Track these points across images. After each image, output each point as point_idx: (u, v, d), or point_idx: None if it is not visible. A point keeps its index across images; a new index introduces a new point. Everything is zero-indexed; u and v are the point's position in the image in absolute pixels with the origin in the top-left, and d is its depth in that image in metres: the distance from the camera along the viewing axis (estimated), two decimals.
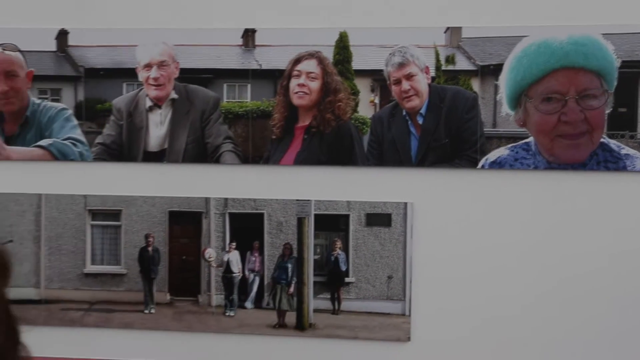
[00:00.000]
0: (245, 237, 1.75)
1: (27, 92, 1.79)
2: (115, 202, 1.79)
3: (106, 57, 1.77)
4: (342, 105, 1.65)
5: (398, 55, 1.60)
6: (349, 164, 1.67)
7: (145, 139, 1.76)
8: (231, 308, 1.74)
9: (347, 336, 1.68)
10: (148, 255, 1.77)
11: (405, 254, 1.66)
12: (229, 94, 1.74)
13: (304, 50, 1.66)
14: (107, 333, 1.74)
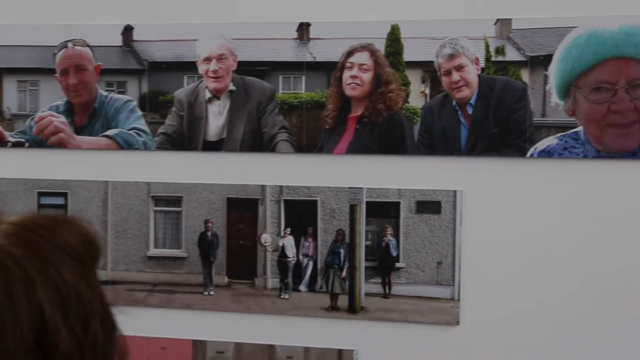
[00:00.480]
0: (299, 223, 1.80)
1: (95, 85, 1.86)
2: (176, 189, 1.85)
3: (168, 51, 1.83)
4: (393, 96, 1.68)
5: (448, 47, 1.63)
6: (400, 153, 1.70)
7: (205, 129, 1.82)
8: (286, 291, 1.79)
9: (398, 319, 1.72)
10: (207, 239, 1.83)
11: (455, 240, 1.68)
12: (284, 86, 1.78)
13: (356, 43, 1.70)
14: (168, 313, 1.81)
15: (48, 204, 1.91)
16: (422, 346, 1.71)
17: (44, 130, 1.86)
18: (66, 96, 1.88)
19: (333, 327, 1.77)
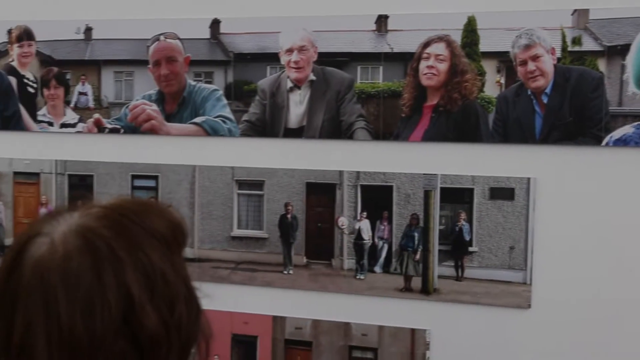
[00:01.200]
0: (375, 207, 1.82)
1: (184, 75, 1.92)
2: (259, 174, 1.90)
3: (253, 43, 1.88)
4: (468, 85, 1.70)
5: (524, 37, 1.63)
6: (474, 141, 1.71)
7: (286, 117, 1.87)
8: (361, 272, 1.83)
9: (470, 301, 1.74)
10: (287, 222, 1.89)
11: (527, 226, 1.69)
12: (362, 76, 1.81)
13: (433, 34, 1.71)
14: (250, 290, 1.88)
15: (140, 186, 2.01)
16: (493, 328, 1.72)
17: (137, 118, 1.95)
18: (158, 86, 1.95)
19: (406, 308, 1.80)
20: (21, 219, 2.14)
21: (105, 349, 0.74)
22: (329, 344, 1.87)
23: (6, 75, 2.09)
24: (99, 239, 0.76)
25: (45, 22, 2.05)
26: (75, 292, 0.74)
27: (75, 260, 0.75)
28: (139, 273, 0.76)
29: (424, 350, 1.78)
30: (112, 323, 0.74)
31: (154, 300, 0.76)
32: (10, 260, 0.78)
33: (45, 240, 0.77)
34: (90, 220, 0.79)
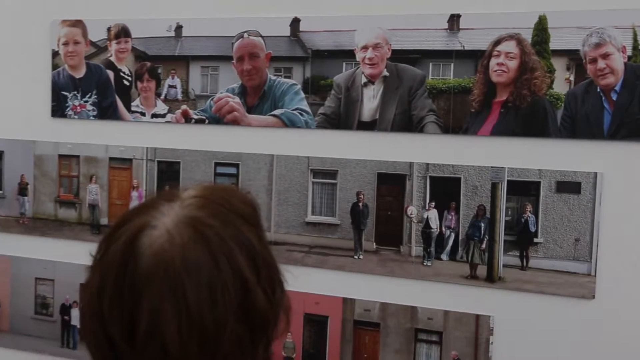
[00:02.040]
0: (443, 197, 1.83)
1: (265, 70, 1.97)
2: (332, 164, 1.93)
3: (330, 40, 1.91)
4: (538, 82, 1.69)
5: (595, 35, 1.62)
6: (542, 136, 1.71)
7: (360, 110, 1.88)
8: (428, 259, 1.84)
9: (534, 290, 1.73)
10: (359, 209, 1.91)
11: (593, 219, 1.68)
12: (434, 72, 1.81)
13: (504, 32, 1.71)
14: (322, 272, 1.92)
15: (223, 173, 2.06)
16: (557, 317, 1.72)
17: (221, 109, 2.00)
18: (241, 80, 2.00)
19: (471, 294, 1.80)
20: (115, 201, 2.24)
21: (228, 329, 0.76)
22: (396, 326, 1.88)
23: (105, 69, 2.19)
24: (208, 229, 0.79)
25: (140, 21, 2.14)
26: (198, 278, 0.76)
27: (192, 250, 0.77)
28: (246, 257, 0.79)
29: (487, 335, 1.79)
30: (232, 306, 0.77)
31: (260, 282, 0.79)
32: (122, 251, 0.78)
33: (158, 232, 0.78)
34: (194, 210, 0.81)
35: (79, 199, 2.30)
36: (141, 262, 0.77)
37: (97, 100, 2.22)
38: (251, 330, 0.79)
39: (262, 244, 0.83)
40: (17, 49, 2.35)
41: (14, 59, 2.36)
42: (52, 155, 2.31)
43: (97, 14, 2.20)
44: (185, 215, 0.80)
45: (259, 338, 0.80)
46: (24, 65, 2.34)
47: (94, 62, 2.22)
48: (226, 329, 0.76)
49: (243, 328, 0.78)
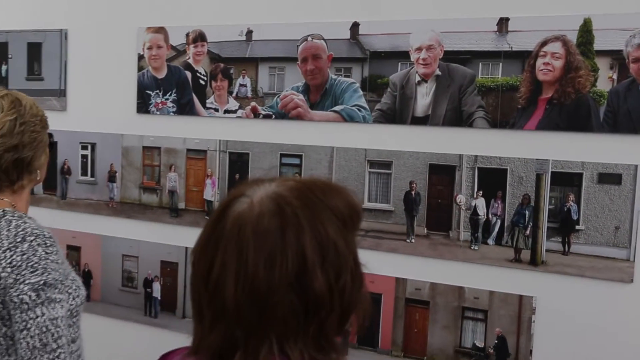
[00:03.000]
0: (490, 187, 1.83)
1: (327, 70, 2.00)
2: (387, 155, 1.94)
3: (386, 42, 1.92)
4: (582, 80, 1.69)
5: (638, 36, 1.61)
6: (586, 131, 1.70)
7: (414, 107, 1.89)
8: (476, 243, 1.85)
9: (574, 274, 1.73)
10: (411, 197, 1.92)
11: (633, 208, 1.67)
12: (483, 71, 1.81)
13: (550, 34, 1.71)
14: (377, 254, 1.92)
15: (287, 163, 2.08)
16: (596, 299, 1.71)
17: (286, 106, 2.05)
18: (304, 79, 2.03)
19: (515, 276, 1.80)
20: (191, 187, 2.30)
21: (278, 297, 0.78)
22: (444, 304, 1.90)
23: (183, 70, 2.26)
24: (288, 206, 0.81)
25: (215, 27, 2.19)
26: (262, 245, 0.79)
27: (266, 219, 0.81)
28: (315, 240, 0.80)
29: (530, 314, 1.79)
30: (287, 277, 0.78)
31: (324, 266, 0.79)
32: (218, 212, 0.85)
33: (246, 200, 0.83)
34: (284, 190, 0.84)
35: (160, 186, 2.37)
36: (225, 224, 0.82)
37: (176, 98, 2.28)
38: (305, 307, 0.79)
39: (342, 238, 0.83)
40: (108, 53, 2.44)
41: (104, 62, 2.45)
42: (137, 147, 2.39)
43: (178, 21, 2.27)
44: (274, 191, 0.83)
45: (312, 317, 0.80)
46: (113, 67, 2.42)
47: (174, 64, 2.29)
48: (277, 293, 0.78)
49: (297, 301, 0.79)
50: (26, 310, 1.44)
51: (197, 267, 0.86)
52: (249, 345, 0.81)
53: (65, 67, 2.50)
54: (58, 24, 2.51)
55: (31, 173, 1.63)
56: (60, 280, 1.52)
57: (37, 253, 1.49)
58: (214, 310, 0.82)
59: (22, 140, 1.57)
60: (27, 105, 1.60)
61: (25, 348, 1.43)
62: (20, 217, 1.55)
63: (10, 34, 2.61)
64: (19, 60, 2.59)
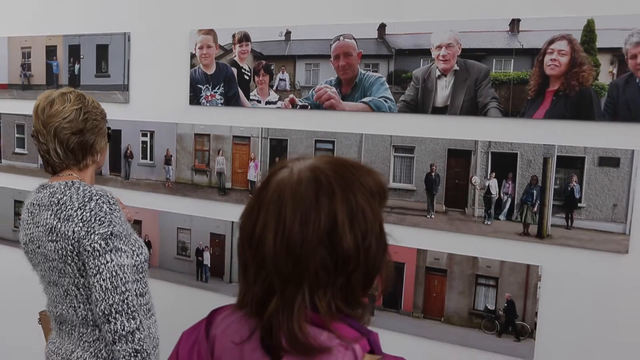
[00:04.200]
0: (502, 169, 1.85)
1: (357, 66, 2.02)
2: (410, 141, 1.96)
3: (410, 41, 1.94)
4: (585, 74, 1.70)
5: (636, 35, 1.63)
6: (588, 119, 1.71)
7: (434, 98, 1.91)
8: (489, 219, 1.87)
9: (576, 245, 1.75)
10: (432, 178, 1.94)
11: (629, 188, 1.69)
12: (497, 67, 1.83)
13: (557, 33, 1.73)
14: (401, 228, 1.94)
15: (321, 148, 2.10)
16: (595, 267, 1.73)
17: (321, 97, 2.08)
18: (337, 74, 2.06)
19: (523, 248, 1.83)
20: (237, 169, 2.35)
21: (311, 250, 0.83)
22: (460, 272, 1.93)
23: (230, 67, 2.31)
24: (324, 175, 0.86)
25: (258, 29, 2.23)
26: (298, 206, 0.84)
27: (303, 185, 0.85)
28: (345, 206, 0.84)
29: (536, 281, 1.82)
30: (319, 234, 0.82)
31: (352, 228, 0.83)
32: (263, 182, 0.91)
33: (287, 170, 0.88)
34: (321, 162, 0.89)
35: (209, 168, 2.41)
36: (268, 190, 0.87)
37: (223, 91, 2.32)
38: (334, 262, 0.83)
39: (369, 207, 0.86)
40: (164, 52, 2.50)
41: (161, 61, 2.51)
42: (189, 134, 2.44)
43: (225, 24, 2.31)
44: (311, 163, 0.88)
45: (341, 271, 0.84)
46: (169, 65, 2.47)
47: (222, 62, 2.32)
48: (310, 247, 0.82)
49: (327, 256, 0.83)
50: (97, 256, 1.57)
51: (243, 228, 0.90)
52: (284, 293, 0.85)
53: (128, 65, 2.58)
54: (122, 28, 2.59)
55: (93, 155, 1.76)
56: (123, 234, 1.64)
57: (102, 209, 1.62)
58: (257, 264, 0.87)
59: (86, 126, 1.71)
60: (89, 100, 1.75)
61: (99, 289, 1.56)
62: (86, 185, 1.68)
63: (82, 37, 2.71)
64: (89, 60, 2.68)
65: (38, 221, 1.69)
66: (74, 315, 1.71)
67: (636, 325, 1.71)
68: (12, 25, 2.95)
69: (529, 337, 1.84)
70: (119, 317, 1.55)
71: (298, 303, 0.84)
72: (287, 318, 0.84)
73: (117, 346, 1.56)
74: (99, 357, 1.70)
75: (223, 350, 0.93)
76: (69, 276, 1.66)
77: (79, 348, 1.71)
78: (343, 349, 0.85)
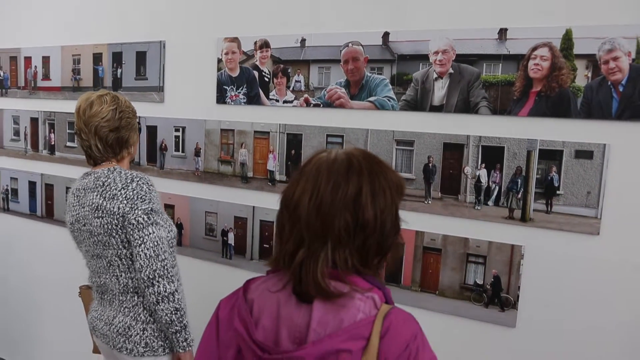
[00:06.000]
0: (491, 161, 1.86)
1: (364, 69, 2.04)
2: (410, 136, 1.97)
3: (410, 47, 1.95)
4: (564, 77, 1.71)
5: (608, 43, 1.64)
6: (566, 117, 1.72)
7: (432, 98, 1.93)
8: (479, 204, 1.88)
9: (555, 228, 1.77)
10: (429, 168, 1.96)
11: (601, 178, 1.71)
12: (487, 70, 1.84)
13: (539, 41, 1.74)
14: (401, 213, 1.60)
15: (331, 142, 2.12)
16: (571, 247, 1.76)
17: (332, 97, 2.11)
18: (346, 76, 2.08)
19: (509, 230, 1.85)
20: (258, 160, 2.38)
21: (337, 213, 0.90)
22: (453, 251, 1.95)
23: (252, 70, 2.35)
24: (356, 159, 0.95)
25: (276, 36, 2.26)
26: (331, 177, 0.92)
27: (337, 163, 0.94)
28: (369, 184, 0.92)
29: (519, 259, 1.84)
30: (345, 200, 0.90)
31: (373, 202, 0.92)
32: (305, 162, 1.00)
33: (326, 153, 0.98)
34: (355, 151, 0.98)
35: (233, 159, 2.44)
36: (308, 167, 0.97)
37: (246, 91, 2.36)
38: (355, 225, 0.91)
39: (389, 192, 0.94)
40: (194, 58, 2.53)
41: (192, 65, 2.54)
42: (216, 130, 2.47)
43: (248, 32, 2.35)
44: (347, 150, 0.97)
45: (359, 234, 0.91)
46: (199, 69, 2.51)
47: (245, 66, 2.36)
48: (336, 210, 0.90)
49: (350, 220, 0.90)
50: (141, 228, 1.67)
51: (285, 195, 0.98)
52: (311, 246, 0.92)
53: (163, 70, 2.63)
54: (158, 37, 2.64)
55: (128, 147, 1.86)
56: (160, 211, 1.75)
57: (143, 188, 1.72)
58: (292, 223, 0.95)
59: (121, 124, 1.81)
60: (122, 100, 1.84)
61: (143, 257, 1.66)
62: (126, 169, 1.78)
63: (123, 45, 2.78)
64: (130, 65, 2.74)
65: (84, 202, 1.80)
66: (116, 283, 1.81)
67: (604, 296, 1.74)
68: (65, 36, 3.07)
69: (512, 307, 1.87)
70: (161, 281, 1.65)
71: (322, 256, 0.90)
72: (312, 268, 0.92)
73: (160, 305, 1.67)
74: (137, 321, 1.80)
75: (261, 305, 1.00)
76: (113, 248, 1.76)
77: (120, 314, 1.81)
78: (364, 297, 0.93)
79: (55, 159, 3.19)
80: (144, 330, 1.78)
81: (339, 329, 0.91)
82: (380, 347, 0.89)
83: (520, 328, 1.85)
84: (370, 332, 0.90)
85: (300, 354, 0.91)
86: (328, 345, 0.89)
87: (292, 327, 0.95)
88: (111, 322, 1.79)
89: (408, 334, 0.92)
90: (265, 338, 0.97)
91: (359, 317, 0.92)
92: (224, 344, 1.01)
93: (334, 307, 0.93)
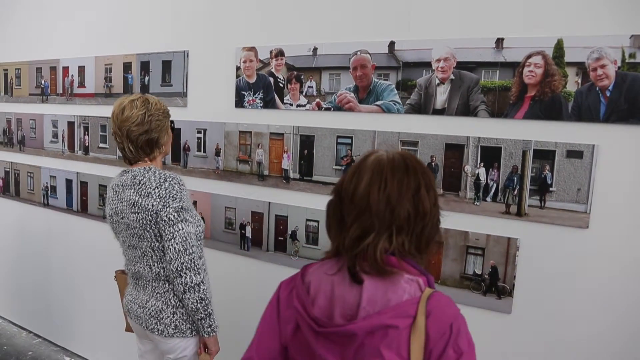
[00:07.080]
0: (489, 160, 1.88)
1: (371, 75, 2.06)
2: (415, 137, 1.99)
3: (414, 55, 1.98)
4: (556, 83, 1.73)
5: (596, 52, 1.67)
6: (558, 120, 1.75)
7: (434, 102, 1.95)
8: (478, 200, 1.91)
9: (548, 222, 1.79)
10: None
11: (590, 176, 1.72)
12: (485, 76, 1.86)
13: (534, 50, 1.76)
14: None
15: (342, 142, 2.15)
16: (562, 239, 1.78)
17: (342, 101, 2.14)
18: (355, 82, 2.11)
19: (505, 224, 1.86)
20: (273, 160, 2.42)
21: (402, 203, 0.97)
22: (454, 243, 1.96)
23: (268, 77, 2.39)
24: (410, 160, 1.02)
25: (290, 46, 2.30)
26: (395, 173, 0.98)
27: (396, 162, 1.00)
28: (424, 180, 1.01)
29: (515, 251, 1.85)
30: (408, 193, 0.97)
31: (428, 196, 1.01)
32: (359, 161, 1.05)
33: (381, 153, 1.04)
34: (402, 152, 1.05)
35: (250, 159, 2.47)
36: (366, 164, 1.02)
37: (262, 96, 2.40)
38: (415, 215, 0.98)
39: (434, 190, 1.03)
40: (215, 66, 2.57)
41: (213, 72, 2.58)
42: (235, 131, 2.52)
43: (264, 42, 2.39)
44: (399, 152, 1.05)
45: (418, 222, 0.98)
46: (219, 75, 2.55)
47: (262, 73, 2.40)
48: (401, 201, 0.97)
49: (411, 210, 0.97)
50: (172, 225, 1.74)
51: (345, 190, 1.02)
52: (380, 230, 0.98)
53: (187, 77, 2.67)
54: (182, 47, 2.70)
55: (159, 148, 1.91)
56: (189, 209, 1.82)
57: (175, 188, 1.78)
58: (358, 212, 0.99)
59: (151, 126, 1.86)
60: (153, 103, 1.88)
61: (173, 251, 1.72)
62: (160, 169, 1.84)
63: (151, 55, 2.85)
64: (156, 72, 2.81)
65: (122, 198, 1.88)
66: (149, 272, 1.89)
67: (593, 285, 1.76)
68: (98, 47, 3.17)
69: (508, 295, 1.89)
70: (188, 273, 1.73)
71: (385, 239, 0.96)
72: (375, 248, 0.98)
73: (187, 295, 1.75)
74: (168, 305, 1.89)
75: (317, 286, 1.05)
76: (147, 240, 1.84)
77: (153, 298, 1.90)
78: (410, 281, 0.99)
79: (89, 158, 3.28)
80: (174, 314, 1.86)
81: (386, 307, 0.96)
82: (427, 325, 0.94)
83: (515, 314, 1.88)
84: (416, 311, 0.95)
85: (352, 328, 0.96)
86: (377, 321, 0.95)
87: (345, 305, 1.00)
88: (144, 306, 1.87)
89: (451, 316, 0.97)
90: (320, 314, 1.02)
91: (405, 298, 0.97)
92: (284, 320, 1.07)
93: (383, 288, 0.98)
